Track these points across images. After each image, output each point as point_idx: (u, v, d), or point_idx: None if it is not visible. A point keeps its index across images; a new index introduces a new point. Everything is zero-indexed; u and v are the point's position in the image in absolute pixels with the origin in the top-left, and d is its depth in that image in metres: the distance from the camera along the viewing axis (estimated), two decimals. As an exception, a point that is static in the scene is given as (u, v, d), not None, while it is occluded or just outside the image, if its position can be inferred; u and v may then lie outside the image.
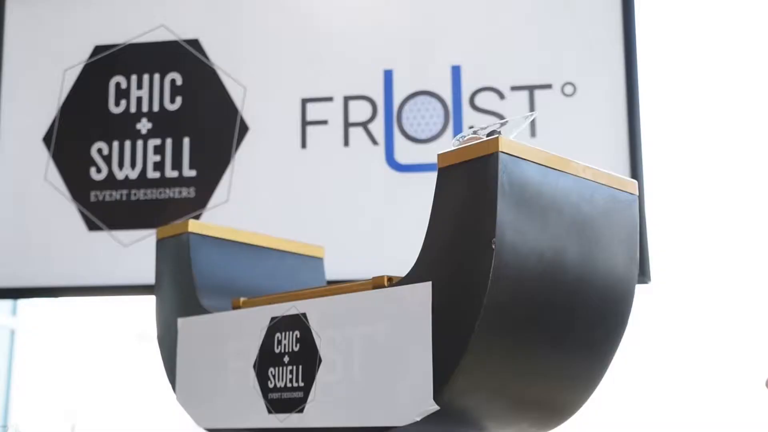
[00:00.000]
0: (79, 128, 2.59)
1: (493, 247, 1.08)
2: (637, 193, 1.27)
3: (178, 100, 2.56)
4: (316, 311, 1.29)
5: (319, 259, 1.72)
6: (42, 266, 2.50)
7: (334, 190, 2.37)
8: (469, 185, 1.14)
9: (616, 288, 1.21)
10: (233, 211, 2.41)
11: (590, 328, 1.20)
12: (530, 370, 1.16)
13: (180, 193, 2.47)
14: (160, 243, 1.62)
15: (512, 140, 1.14)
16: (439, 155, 1.19)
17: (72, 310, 3.60)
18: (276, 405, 1.31)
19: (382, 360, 1.18)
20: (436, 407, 1.11)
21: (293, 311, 1.32)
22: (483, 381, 1.13)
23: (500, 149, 1.12)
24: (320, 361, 1.26)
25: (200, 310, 1.49)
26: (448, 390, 1.10)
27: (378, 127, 2.38)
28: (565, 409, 1.25)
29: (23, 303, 3.51)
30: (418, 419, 1.12)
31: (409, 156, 2.35)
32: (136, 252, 2.43)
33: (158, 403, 2.50)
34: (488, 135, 1.20)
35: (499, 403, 1.18)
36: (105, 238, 2.48)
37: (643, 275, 2.09)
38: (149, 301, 1.69)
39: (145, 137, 2.55)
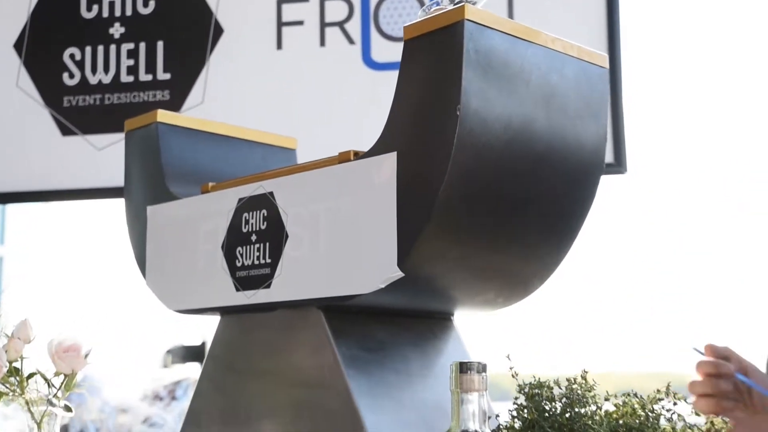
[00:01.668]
0: (50, 34, 2.55)
1: (458, 113, 1.06)
2: (607, 66, 1.25)
3: (151, 4, 2.52)
4: (283, 189, 1.28)
5: (292, 151, 1.70)
6: (17, 172, 2.49)
7: (311, 90, 2.35)
8: (434, 55, 1.12)
9: (585, 160, 1.20)
10: (208, 113, 2.39)
11: (556, 199, 1.19)
12: (494, 239, 1.16)
13: (154, 96, 2.44)
14: (129, 135, 1.60)
15: (479, 9, 1.12)
16: (405, 27, 1.17)
17: (58, 224, 3.60)
18: (243, 282, 1.31)
19: (347, 232, 1.17)
20: (400, 274, 1.11)
21: (260, 191, 1.31)
22: (447, 249, 1.13)
23: (466, 17, 1.10)
24: (287, 237, 1.26)
25: (169, 197, 1.48)
26: (412, 257, 1.10)
27: (354, 27, 2.35)
28: (530, 282, 1.25)
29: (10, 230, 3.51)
30: (383, 286, 1.12)
31: (386, 54, 2.32)
32: (110, 156, 2.41)
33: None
34: (455, 4, 1.17)
35: (463, 272, 1.18)
36: (79, 142, 2.46)
37: (619, 165, 2.08)
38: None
39: (118, 42, 2.51)
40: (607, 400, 1.08)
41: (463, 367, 0.95)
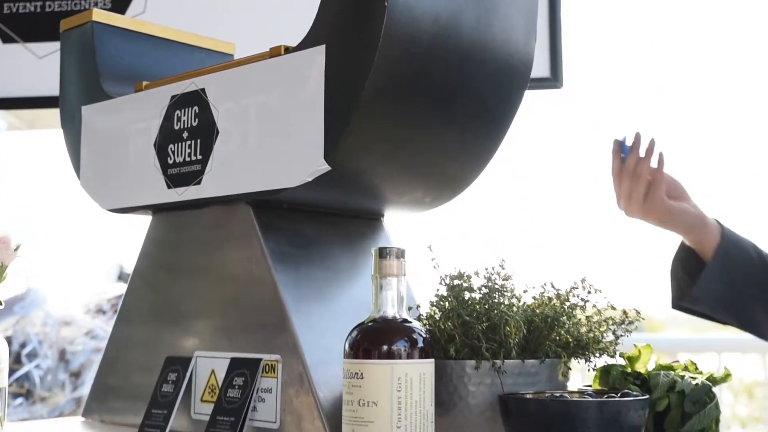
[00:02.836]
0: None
1: (386, 5, 1.06)
2: (537, -34, 1.26)
3: None
4: (215, 85, 1.27)
5: (230, 56, 1.69)
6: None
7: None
8: (366, -51, 1.12)
9: (514, 58, 1.21)
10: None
11: (484, 97, 1.20)
12: (421, 135, 1.17)
13: (95, 4, 2.40)
14: (65, 35, 1.58)
15: None
16: None
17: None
18: (175, 179, 1.31)
19: (276, 126, 1.18)
20: (326, 167, 1.12)
21: (192, 87, 1.30)
22: (374, 143, 1.14)
23: None
24: (217, 133, 1.26)
25: (104, 97, 1.46)
26: (338, 150, 1.11)
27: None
28: (457, 182, 1.27)
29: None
30: (310, 179, 1.13)
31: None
32: (52, 64, 2.38)
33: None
34: None
35: (390, 169, 1.19)
36: (20, 50, 2.42)
37: (556, 80, 2.10)
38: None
39: (61, -51, 2.45)
40: (525, 292, 1.11)
41: (383, 252, 0.97)
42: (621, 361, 1.13)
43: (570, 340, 1.09)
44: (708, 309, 1.44)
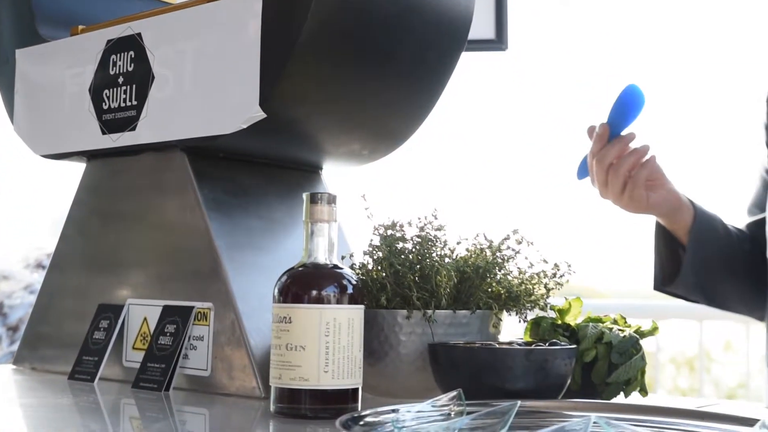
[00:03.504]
0: None
1: (325, -49, 1.05)
2: None
3: None
4: (151, 30, 1.25)
5: (170, 4, 1.66)
6: None
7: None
8: None
9: (453, 12, 1.21)
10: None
11: (423, 51, 1.20)
12: (358, 86, 1.16)
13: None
14: (0, -23, 1.54)
15: None
16: None
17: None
18: (110, 125, 1.29)
19: (212, 72, 1.16)
20: (262, 114, 1.11)
21: (128, 32, 1.28)
22: (310, 92, 1.13)
23: None
24: (153, 78, 1.24)
25: (38, 40, 1.43)
26: (274, 98, 1.10)
27: None
28: (395, 135, 1.27)
29: None
30: (245, 126, 1.12)
31: None
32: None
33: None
34: None
35: (328, 118, 1.19)
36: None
37: (500, 42, 2.10)
38: None
39: None
40: (459, 243, 1.11)
41: (314, 198, 0.97)
42: (552, 315, 1.14)
43: (502, 292, 1.09)
44: (685, 292, 1.43)
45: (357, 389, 0.95)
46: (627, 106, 1.29)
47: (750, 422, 0.73)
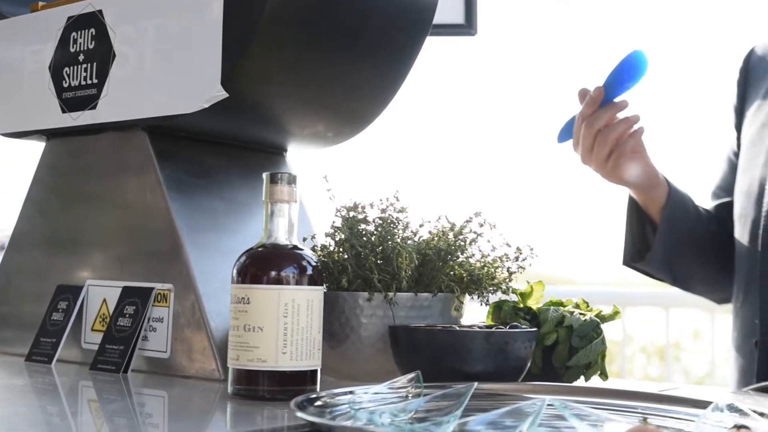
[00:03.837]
0: None
1: (288, -72, 1.04)
2: None
3: None
4: (112, 7, 1.23)
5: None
6: None
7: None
8: None
9: (419, -6, 1.20)
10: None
11: (388, 31, 1.19)
12: (323, 67, 1.15)
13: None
14: (-39, -48, 1.51)
15: None
16: None
17: None
18: (70, 103, 1.27)
19: (173, 51, 1.15)
20: (224, 94, 1.09)
21: (89, 9, 1.26)
22: (273, 72, 1.12)
23: None
24: (114, 56, 1.22)
25: (-2, 17, 1.41)
26: (236, 77, 1.09)
27: None
28: (360, 117, 1.26)
29: None
30: (206, 105, 1.11)
31: None
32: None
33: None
34: None
35: (291, 99, 1.18)
36: None
37: (470, 27, 2.09)
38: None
39: None
40: (421, 226, 1.11)
41: (274, 178, 0.96)
42: (515, 298, 1.14)
43: (464, 275, 1.09)
44: (653, 269, 1.42)
45: (316, 371, 0.95)
46: (628, 71, 1.24)
47: (705, 405, 0.73)
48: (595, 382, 1.09)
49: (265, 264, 0.93)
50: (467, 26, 2.04)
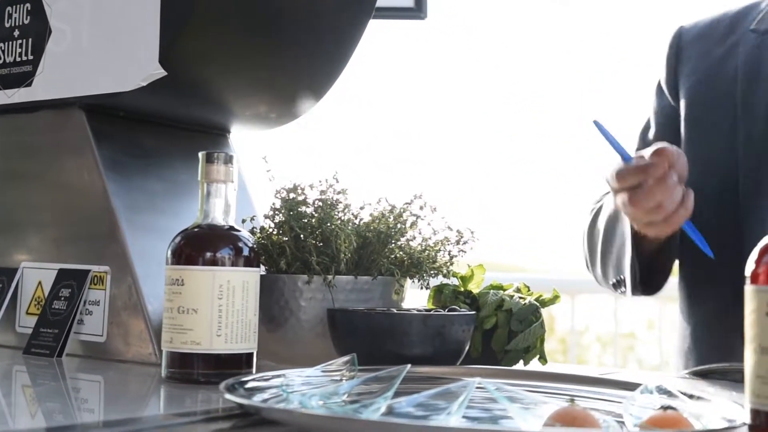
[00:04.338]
0: None
1: None
2: None
3: None
4: (50, -18, 1.20)
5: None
6: None
7: None
8: None
9: (363, -27, 1.19)
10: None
11: (331, 12, 1.18)
12: (264, 47, 1.14)
13: None
14: None
15: None
16: None
17: None
18: (5, 81, 1.24)
19: (111, 27, 1.12)
20: (162, 72, 1.07)
21: (27, -16, 1.23)
22: (213, 51, 1.10)
23: None
24: (50, 32, 1.19)
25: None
26: (174, 55, 1.07)
27: None
28: (302, 100, 1.24)
29: None
30: (144, 84, 1.08)
31: None
32: None
33: None
34: None
35: (232, 79, 1.16)
36: None
37: (420, 11, 2.08)
38: None
39: None
40: (362, 208, 1.10)
41: (210, 157, 0.94)
42: (456, 282, 1.14)
43: (405, 258, 1.08)
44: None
45: (251, 354, 0.94)
46: (608, 136, 1.07)
47: (636, 387, 0.73)
48: (535, 365, 1.09)
49: (200, 245, 0.91)
50: (417, 9, 2.03)
